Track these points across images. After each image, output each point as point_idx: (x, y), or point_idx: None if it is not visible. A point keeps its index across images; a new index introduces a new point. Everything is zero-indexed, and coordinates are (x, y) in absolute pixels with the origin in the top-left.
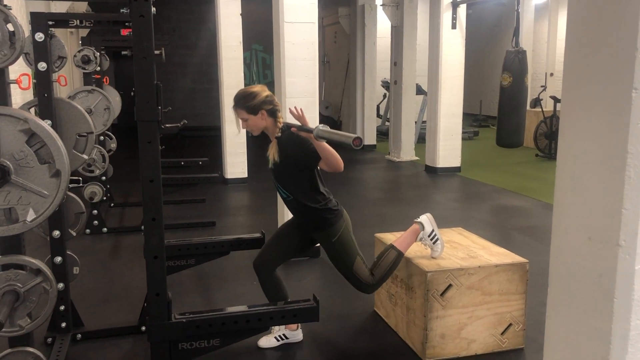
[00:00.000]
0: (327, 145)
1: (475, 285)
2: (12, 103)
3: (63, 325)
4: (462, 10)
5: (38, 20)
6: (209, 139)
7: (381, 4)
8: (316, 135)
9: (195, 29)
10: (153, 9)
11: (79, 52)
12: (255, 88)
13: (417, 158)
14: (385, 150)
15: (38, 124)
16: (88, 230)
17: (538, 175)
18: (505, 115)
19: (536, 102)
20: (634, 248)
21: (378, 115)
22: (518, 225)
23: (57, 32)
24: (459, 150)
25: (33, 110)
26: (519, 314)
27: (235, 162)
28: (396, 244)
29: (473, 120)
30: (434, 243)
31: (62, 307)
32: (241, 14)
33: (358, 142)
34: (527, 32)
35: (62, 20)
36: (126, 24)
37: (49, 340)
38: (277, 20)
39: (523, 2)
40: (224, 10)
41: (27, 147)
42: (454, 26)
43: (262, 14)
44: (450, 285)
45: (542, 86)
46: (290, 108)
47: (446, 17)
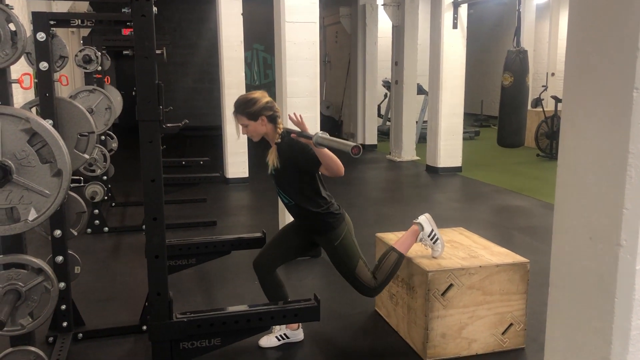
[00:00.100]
0: (327, 150)
1: (476, 285)
2: (13, 102)
3: (64, 324)
4: (463, 10)
5: (39, 20)
6: (210, 138)
7: (382, 3)
8: (315, 142)
9: (196, 28)
10: (154, 8)
11: (80, 51)
12: (256, 94)
13: (418, 158)
14: (386, 150)
15: (39, 123)
16: (89, 230)
17: (539, 175)
18: (506, 115)
19: (537, 102)
20: (635, 248)
21: (379, 115)
22: (519, 225)
23: (59, 32)
24: (460, 150)
25: (34, 109)
26: (519, 314)
27: (236, 161)
28: (396, 245)
29: (474, 120)
30: (434, 243)
31: (63, 307)
32: (242, 14)
33: (357, 151)
34: (528, 32)
35: (63, 20)
36: (127, 23)
37: (51, 339)
38: (278, 19)
39: (524, 2)
40: (225, 10)
41: (29, 146)
42: (455, 26)
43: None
44: (451, 285)
45: (543, 86)
46: (290, 114)
47: (447, 16)
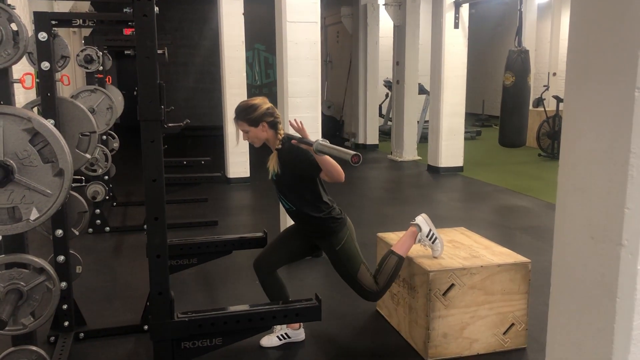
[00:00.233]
0: (327, 157)
1: (477, 285)
2: (15, 102)
3: (66, 324)
4: (464, 9)
5: (41, 20)
6: (211, 138)
7: (384, 3)
8: (315, 149)
9: (197, 28)
10: (156, 8)
11: (81, 51)
12: (257, 100)
13: (419, 158)
14: (388, 149)
15: (41, 123)
16: (91, 230)
17: (540, 174)
18: (507, 114)
19: (539, 101)
20: (637, 247)
21: (380, 114)
22: (520, 225)
23: (60, 32)
24: (461, 149)
25: (36, 109)
26: (521, 314)
27: (238, 161)
28: (395, 248)
29: (475, 120)
30: (433, 243)
31: (65, 306)
32: (244, 14)
33: (356, 160)
34: (529, 32)
35: (65, 20)
36: (129, 23)
37: (52, 338)
38: (279, 19)
39: (526, 2)
40: (227, 10)
41: (31, 146)
42: (456, 25)
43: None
44: (452, 285)
45: (544, 86)
46: (291, 121)
47: (449, 16)
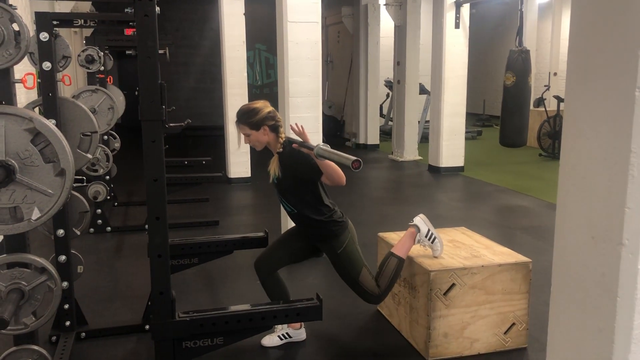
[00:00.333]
0: (328, 161)
1: (478, 285)
2: (17, 102)
3: (67, 323)
4: (465, 9)
5: (43, 20)
6: (213, 138)
7: (384, 3)
8: (316, 154)
9: (198, 28)
10: (157, 8)
11: (83, 51)
12: (258, 104)
13: (420, 157)
14: (389, 149)
15: (43, 123)
16: (92, 229)
17: (541, 174)
18: (508, 114)
19: (539, 101)
20: (637, 247)
21: (381, 114)
22: (521, 225)
23: (62, 32)
24: (462, 149)
25: (37, 109)
26: (522, 314)
27: (239, 161)
28: (395, 250)
29: (476, 120)
30: (432, 242)
31: (66, 306)
32: (244, 14)
33: (357, 165)
34: (530, 32)
35: (66, 20)
36: (130, 23)
37: (54, 338)
38: (280, 19)
39: (527, 2)
40: (228, 10)
41: (32, 146)
42: (457, 26)
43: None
44: (453, 285)
45: (545, 86)
46: (292, 125)
47: (449, 16)
